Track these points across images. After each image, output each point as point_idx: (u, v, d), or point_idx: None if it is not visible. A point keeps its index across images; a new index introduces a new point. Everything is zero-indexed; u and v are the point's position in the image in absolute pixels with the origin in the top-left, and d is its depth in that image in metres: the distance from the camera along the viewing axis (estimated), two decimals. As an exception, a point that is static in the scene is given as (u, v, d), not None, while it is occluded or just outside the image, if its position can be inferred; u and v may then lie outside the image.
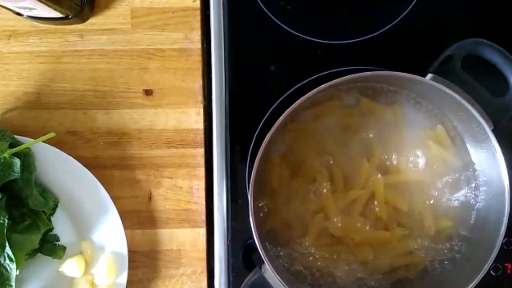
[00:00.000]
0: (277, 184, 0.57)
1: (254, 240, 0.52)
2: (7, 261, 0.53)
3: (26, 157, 0.57)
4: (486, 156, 0.56)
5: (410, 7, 0.61)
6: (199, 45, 0.62)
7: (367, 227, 0.58)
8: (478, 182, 0.58)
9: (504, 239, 0.53)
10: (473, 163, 0.58)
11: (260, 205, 0.57)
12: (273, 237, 0.57)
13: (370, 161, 0.58)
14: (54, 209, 0.59)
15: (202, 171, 0.62)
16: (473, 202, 0.58)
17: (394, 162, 0.58)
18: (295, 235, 0.58)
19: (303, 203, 0.58)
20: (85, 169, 0.59)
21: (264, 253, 0.52)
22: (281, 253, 0.57)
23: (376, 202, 0.57)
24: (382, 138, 0.58)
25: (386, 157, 0.58)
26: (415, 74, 0.53)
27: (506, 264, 0.60)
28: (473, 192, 0.58)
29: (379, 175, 0.58)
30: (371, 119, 0.58)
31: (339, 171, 0.58)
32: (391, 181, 0.58)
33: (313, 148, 0.58)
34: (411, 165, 0.58)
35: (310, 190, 0.58)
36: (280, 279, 0.52)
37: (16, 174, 0.55)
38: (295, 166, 0.58)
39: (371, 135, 0.58)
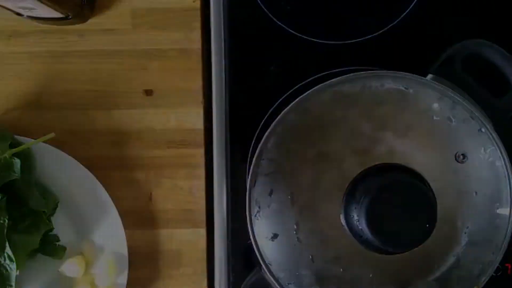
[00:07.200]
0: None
1: (252, 241, 0.52)
2: (7, 261, 0.53)
3: (27, 158, 0.57)
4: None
5: (410, 7, 0.61)
6: (199, 45, 0.62)
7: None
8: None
9: (504, 239, 0.53)
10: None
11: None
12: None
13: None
14: (54, 209, 0.59)
15: (202, 171, 0.62)
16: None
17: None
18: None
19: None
20: (85, 169, 0.59)
21: (262, 254, 0.52)
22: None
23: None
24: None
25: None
26: (415, 74, 0.53)
27: (506, 264, 0.60)
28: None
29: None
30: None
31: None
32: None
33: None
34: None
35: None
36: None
37: (17, 175, 0.55)
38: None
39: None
